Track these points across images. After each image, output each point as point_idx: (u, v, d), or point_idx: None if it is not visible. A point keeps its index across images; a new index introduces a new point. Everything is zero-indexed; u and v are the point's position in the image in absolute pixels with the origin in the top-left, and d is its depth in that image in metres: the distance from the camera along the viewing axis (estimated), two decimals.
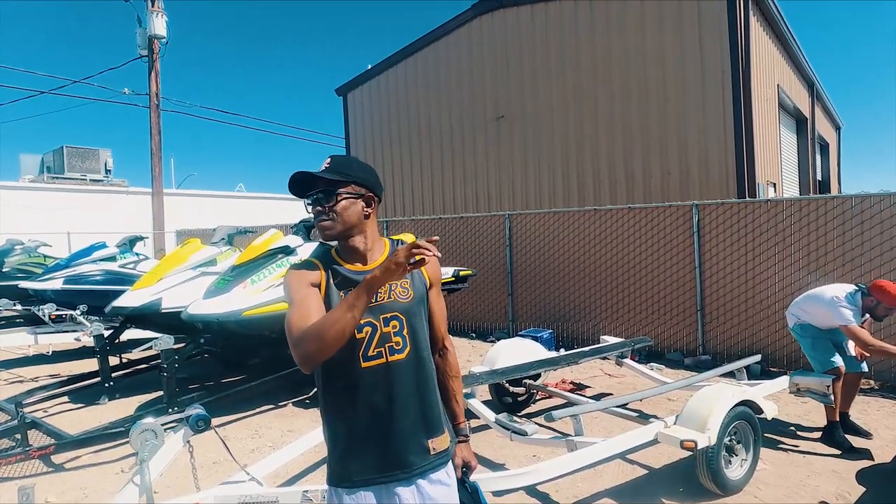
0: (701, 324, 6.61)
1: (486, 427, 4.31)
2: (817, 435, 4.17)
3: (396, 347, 1.48)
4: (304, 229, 5.92)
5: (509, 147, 11.45)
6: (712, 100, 8.79)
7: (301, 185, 1.52)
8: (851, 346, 4.13)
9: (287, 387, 5.41)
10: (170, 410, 4.44)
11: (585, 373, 6.14)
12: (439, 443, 1.54)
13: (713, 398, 3.32)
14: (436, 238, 1.31)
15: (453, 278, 6.40)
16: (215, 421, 4.55)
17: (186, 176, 38.10)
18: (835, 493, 3.33)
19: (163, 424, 2.70)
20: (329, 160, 1.54)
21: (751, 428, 3.46)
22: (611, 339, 5.37)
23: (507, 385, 4.75)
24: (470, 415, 4.44)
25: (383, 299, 1.49)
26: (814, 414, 4.62)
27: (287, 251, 5.34)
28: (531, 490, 3.37)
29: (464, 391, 4.10)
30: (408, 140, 13.38)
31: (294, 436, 4.29)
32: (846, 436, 4.00)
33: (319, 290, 1.47)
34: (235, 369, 6.23)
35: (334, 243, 1.58)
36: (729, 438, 3.34)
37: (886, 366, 5.39)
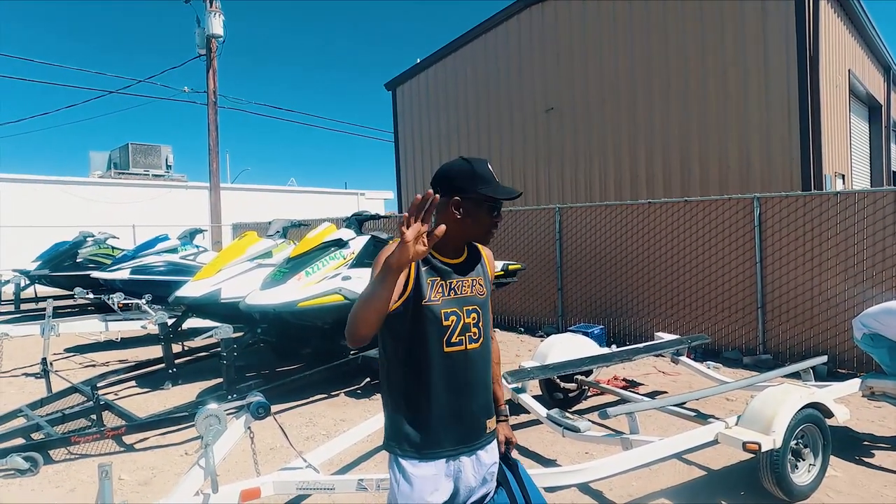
0: (761, 322, 6.33)
1: (536, 422, 4.28)
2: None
3: (474, 337, 1.63)
4: (357, 223, 6.01)
5: (559, 139, 11.28)
6: (776, 86, 8.36)
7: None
8: None
9: (339, 377, 5.52)
10: (229, 397, 4.62)
11: (638, 370, 6.00)
12: (491, 423, 1.72)
13: (779, 399, 3.17)
14: (418, 196, 1.32)
15: (502, 272, 6.36)
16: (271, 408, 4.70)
17: (241, 171, 39.41)
18: None
19: (225, 410, 2.80)
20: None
21: (819, 432, 3.30)
22: (666, 336, 5.21)
23: (558, 380, 4.69)
24: (521, 409, 4.42)
25: (467, 293, 1.63)
26: (890, 420, 4.36)
27: (340, 244, 5.44)
28: (584, 487, 3.32)
29: (515, 385, 4.10)
30: (456, 133, 13.38)
31: (346, 425, 4.38)
32: None
33: (409, 276, 1.55)
34: (290, 359, 6.41)
35: None
36: (795, 442, 3.19)
37: None
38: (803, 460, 3.27)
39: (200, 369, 6.01)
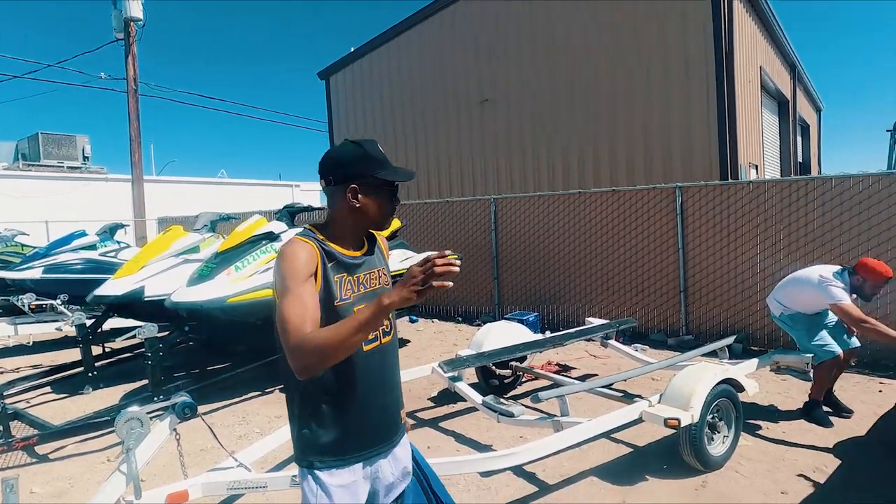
0: (684, 304, 6.69)
1: (473, 409, 4.36)
2: (797, 411, 4.26)
3: (386, 330, 1.59)
4: (288, 215, 5.87)
5: (494, 130, 11.41)
6: (696, 82, 8.80)
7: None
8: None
9: (273, 373, 5.39)
10: (155, 399, 4.41)
11: (571, 354, 6.20)
12: (403, 413, 1.70)
13: (696, 377, 3.38)
14: (448, 254, 1.34)
15: None
16: (202, 408, 4.52)
17: (167, 163, 37.51)
18: (812, 466, 3.43)
19: (148, 413, 2.68)
20: None
21: (732, 405, 3.54)
22: (595, 321, 5.42)
23: (493, 368, 4.78)
24: (457, 397, 4.48)
25: (375, 286, 1.58)
26: (794, 391, 4.72)
27: (271, 237, 5.29)
28: (518, 470, 3.41)
29: (452, 374, 4.15)
30: (391, 124, 13.27)
31: (281, 422, 4.29)
32: (827, 411, 4.10)
33: (315, 277, 1.43)
34: (221, 357, 6.20)
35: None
36: (711, 416, 3.40)
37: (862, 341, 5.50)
38: (718, 432, 3.50)
39: (124, 371, 5.71)
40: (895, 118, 15.19)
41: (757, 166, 10.49)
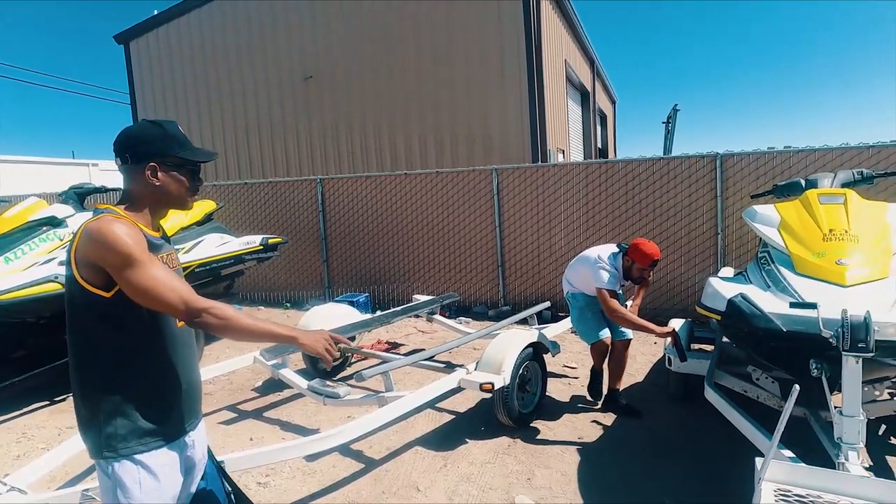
0: (502, 278, 7.23)
1: (300, 396, 4.26)
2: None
3: None
4: (77, 197, 5.11)
5: (320, 109, 11.08)
6: (511, 72, 9.44)
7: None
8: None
9: (65, 378, 4.70)
10: None
11: (400, 331, 6.35)
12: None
13: (507, 343, 3.67)
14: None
15: (261, 247, 6.08)
16: None
17: None
18: (602, 412, 3.96)
19: None
20: None
21: (539, 366, 3.92)
22: (422, 298, 5.60)
23: None
24: (283, 385, 4.34)
25: (175, 265, 1.62)
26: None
27: (54, 222, 4.57)
28: (344, 450, 3.42)
29: (275, 362, 4.00)
30: (206, 98, 12.19)
31: (74, 432, 3.76)
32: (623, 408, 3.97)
33: None
34: None
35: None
36: (521, 377, 3.73)
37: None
38: (528, 391, 3.86)
39: None
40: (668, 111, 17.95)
41: (563, 151, 11.64)
